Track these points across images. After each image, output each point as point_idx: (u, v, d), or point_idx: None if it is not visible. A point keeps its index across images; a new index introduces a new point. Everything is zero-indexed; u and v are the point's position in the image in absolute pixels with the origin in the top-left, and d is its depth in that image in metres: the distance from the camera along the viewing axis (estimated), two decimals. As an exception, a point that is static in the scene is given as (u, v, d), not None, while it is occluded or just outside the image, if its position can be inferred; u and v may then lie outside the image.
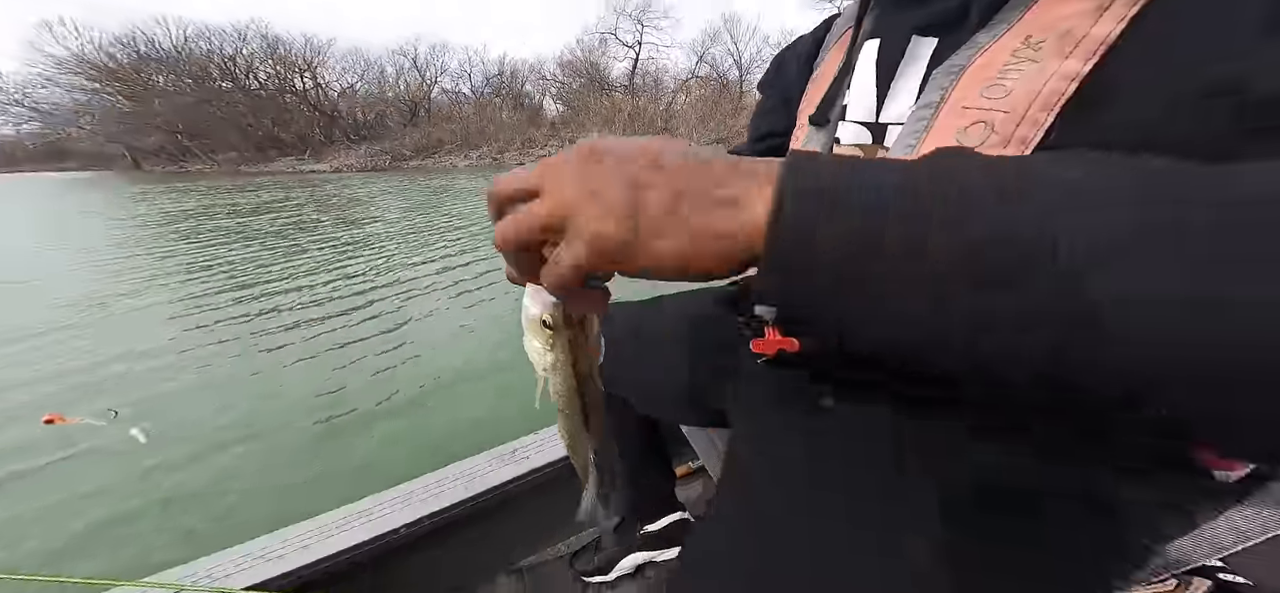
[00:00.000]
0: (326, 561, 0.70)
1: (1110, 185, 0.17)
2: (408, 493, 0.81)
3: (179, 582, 0.64)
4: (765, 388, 0.41)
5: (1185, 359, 0.15)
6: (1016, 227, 0.16)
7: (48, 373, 2.64)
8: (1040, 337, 0.17)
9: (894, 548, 0.30)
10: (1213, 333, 0.15)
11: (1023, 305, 0.16)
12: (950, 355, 0.18)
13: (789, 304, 0.21)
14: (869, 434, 0.33)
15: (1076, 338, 0.16)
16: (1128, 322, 0.15)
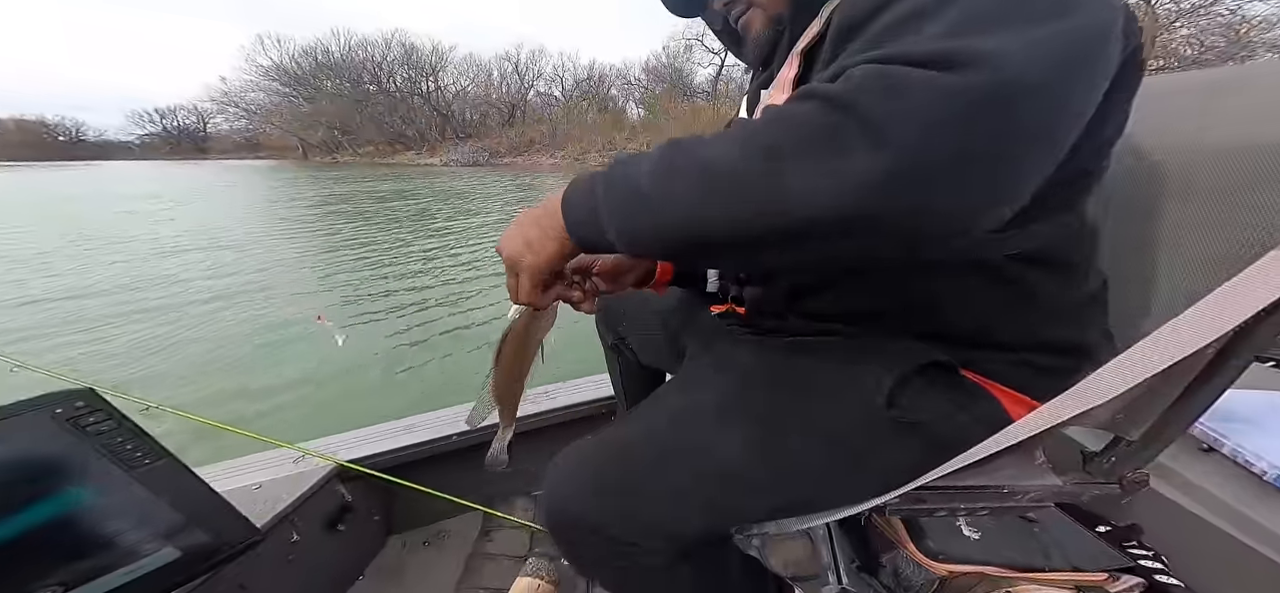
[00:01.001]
0: (401, 451, 0.98)
1: (647, 155, 0.36)
2: (461, 412, 1.08)
3: (304, 448, 0.93)
4: (708, 327, 0.65)
5: (662, 221, 0.34)
6: (630, 181, 0.36)
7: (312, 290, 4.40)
8: (621, 205, 0.36)
9: (734, 388, 0.49)
10: (667, 203, 0.33)
11: (623, 203, 0.36)
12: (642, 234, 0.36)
13: (576, 230, 0.40)
14: (749, 344, 0.55)
15: (637, 219, 0.35)
16: (636, 205, 0.35)
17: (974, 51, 0.27)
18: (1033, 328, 0.47)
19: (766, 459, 0.47)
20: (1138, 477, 0.51)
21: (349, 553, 1.03)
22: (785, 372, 0.52)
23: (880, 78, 0.28)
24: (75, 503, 0.42)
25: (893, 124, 0.27)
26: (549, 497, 0.49)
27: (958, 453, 0.42)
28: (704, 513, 0.46)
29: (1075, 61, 0.29)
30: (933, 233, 0.30)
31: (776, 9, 0.51)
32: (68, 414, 0.40)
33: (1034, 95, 0.27)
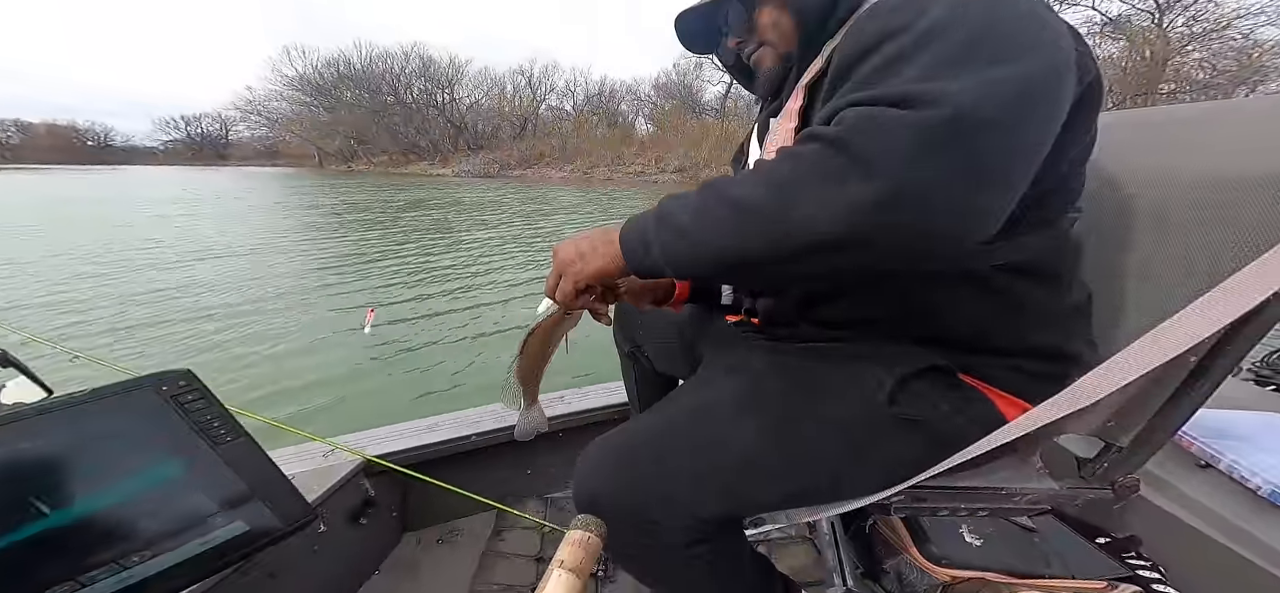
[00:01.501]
0: (423, 448, 1.02)
1: (691, 194, 0.43)
2: (481, 413, 1.13)
3: (334, 442, 0.97)
4: (724, 335, 0.68)
5: (707, 246, 0.41)
6: (675, 218, 0.43)
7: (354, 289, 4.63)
8: (671, 241, 0.43)
9: (749, 386, 0.54)
10: (706, 235, 0.40)
11: (671, 237, 0.43)
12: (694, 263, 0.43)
13: (633, 259, 0.46)
14: (763, 349, 0.60)
15: (682, 249, 0.42)
16: (682, 239, 0.42)
17: (939, 92, 0.32)
18: (1023, 335, 0.51)
19: (779, 449, 0.51)
20: (1129, 482, 0.54)
21: (369, 546, 1.07)
22: (796, 372, 0.56)
23: (867, 119, 0.34)
24: (169, 473, 0.48)
25: (877, 158, 0.33)
26: (578, 481, 0.53)
27: (956, 451, 0.46)
28: (721, 497, 0.50)
29: (1028, 100, 0.35)
30: (919, 247, 0.35)
31: (785, 46, 0.57)
32: (172, 391, 0.45)
33: (989, 129, 0.33)
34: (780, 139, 0.53)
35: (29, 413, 0.41)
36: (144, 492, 0.46)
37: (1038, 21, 0.37)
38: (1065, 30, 0.41)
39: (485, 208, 12.33)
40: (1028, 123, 0.36)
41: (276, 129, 49.87)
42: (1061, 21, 0.41)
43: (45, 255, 6.08)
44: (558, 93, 42.00)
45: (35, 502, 0.41)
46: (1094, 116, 0.45)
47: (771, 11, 0.56)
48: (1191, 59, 16.23)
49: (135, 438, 0.46)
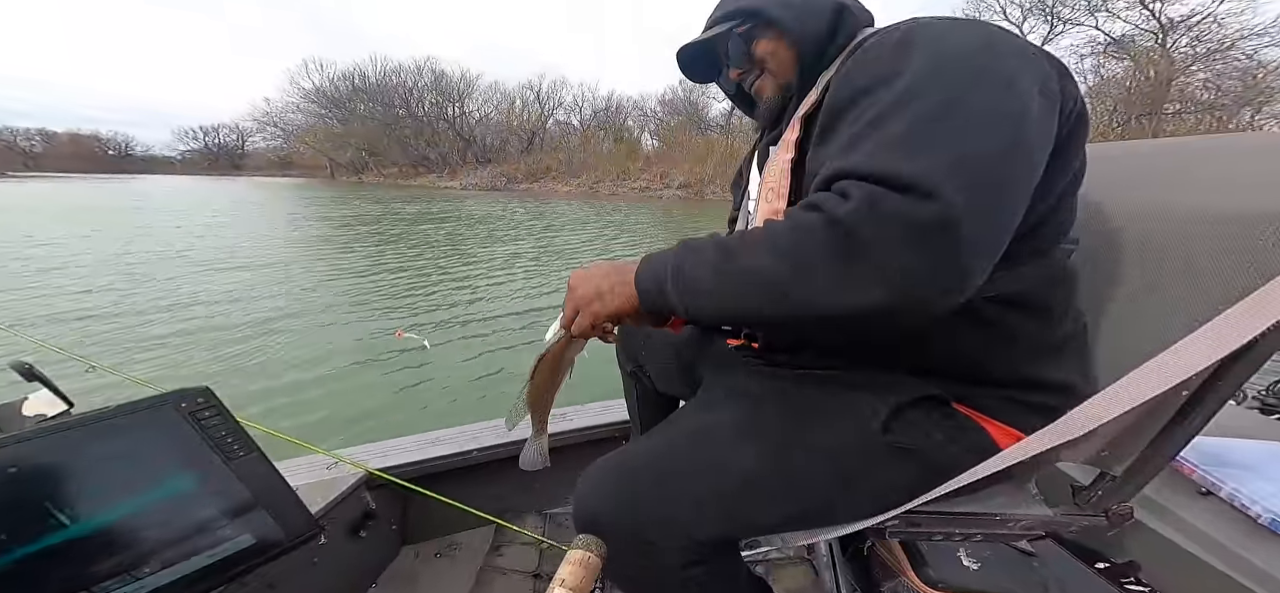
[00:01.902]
0: (425, 462, 1.03)
1: (706, 249, 0.44)
2: (482, 428, 1.14)
3: (338, 454, 0.98)
4: (724, 358, 0.70)
5: (727, 308, 0.43)
6: (693, 273, 0.45)
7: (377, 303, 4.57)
8: (690, 297, 0.45)
9: (749, 411, 0.55)
10: (728, 300, 0.43)
11: (690, 294, 0.45)
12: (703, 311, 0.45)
13: (648, 304, 0.48)
14: (763, 375, 0.61)
15: (701, 305, 0.44)
16: (701, 297, 0.44)
17: (930, 180, 0.36)
18: (1017, 366, 0.52)
19: (776, 472, 0.52)
20: (1122, 510, 0.54)
21: (367, 559, 1.08)
22: (793, 398, 0.58)
23: (867, 205, 0.37)
24: (183, 486, 0.49)
25: (878, 248, 0.37)
26: (578, 500, 0.55)
27: (951, 478, 0.47)
28: (718, 519, 0.51)
29: (1010, 178, 0.39)
30: (918, 312, 0.39)
31: (785, 77, 0.59)
32: (190, 408, 0.47)
33: (977, 216, 0.37)
34: (778, 170, 0.56)
35: (56, 428, 0.43)
36: (159, 505, 0.48)
37: (1006, 85, 0.40)
38: (1040, 74, 0.43)
39: (494, 222, 12.41)
40: (1012, 197, 0.39)
41: (291, 140, 50.84)
42: (1038, 60, 0.43)
43: (61, 265, 6.21)
44: (565, 108, 42.63)
45: (56, 513, 0.43)
46: (1081, 146, 0.46)
47: (769, 43, 0.58)
48: (1196, 79, 16.27)
49: (154, 453, 0.48)
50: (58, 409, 0.50)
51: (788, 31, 0.56)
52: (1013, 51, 0.41)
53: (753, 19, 0.58)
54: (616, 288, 0.51)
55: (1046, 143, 0.42)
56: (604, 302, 0.51)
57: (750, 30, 0.58)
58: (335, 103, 44.25)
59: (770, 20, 0.56)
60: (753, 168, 0.70)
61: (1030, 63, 0.42)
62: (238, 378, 3.12)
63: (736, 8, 0.59)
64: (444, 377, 3.23)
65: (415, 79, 42.53)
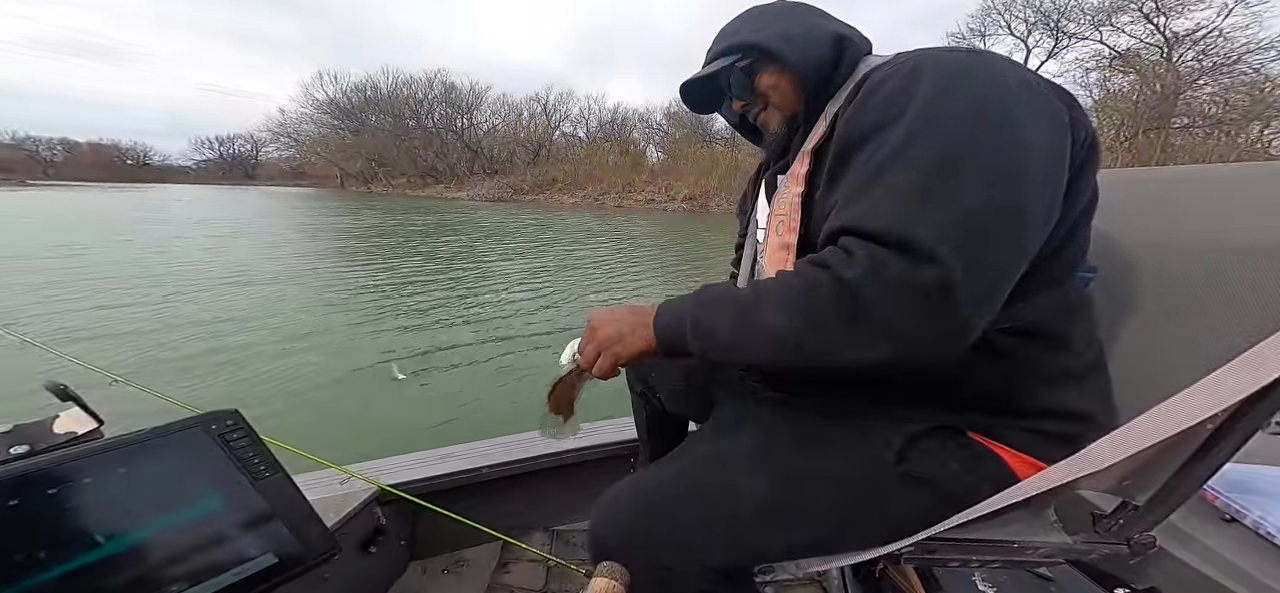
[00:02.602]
0: (435, 479, 1.04)
1: (722, 301, 0.47)
2: (492, 445, 1.15)
3: (350, 469, 0.99)
4: (735, 383, 0.70)
5: (742, 356, 0.47)
6: (711, 323, 0.47)
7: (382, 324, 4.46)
8: (709, 348, 0.47)
9: (760, 438, 0.57)
10: (744, 349, 0.45)
11: (708, 342, 0.47)
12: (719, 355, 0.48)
13: (667, 347, 0.50)
14: (772, 402, 0.62)
15: (718, 352, 0.47)
16: (719, 347, 0.46)
17: (932, 246, 0.38)
18: (1035, 395, 0.52)
19: (789, 500, 0.53)
20: (1145, 538, 0.53)
21: (376, 575, 1.08)
22: (805, 426, 0.58)
23: (872, 270, 0.39)
24: (212, 506, 0.50)
25: (882, 310, 0.39)
26: (594, 526, 0.55)
27: (967, 507, 0.47)
28: (731, 546, 0.52)
29: (1018, 233, 0.40)
30: (927, 363, 0.41)
31: (790, 108, 0.60)
32: (220, 429, 0.49)
33: (974, 277, 0.39)
34: (788, 203, 0.57)
35: (95, 448, 0.45)
36: (190, 524, 0.49)
37: (1011, 134, 0.40)
38: (1050, 112, 0.42)
39: (508, 235, 12.42)
40: (1014, 251, 0.41)
41: (303, 150, 51.70)
42: (1048, 98, 0.44)
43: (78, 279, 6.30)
44: (572, 120, 43.19)
45: (93, 532, 0.43)
46: (1092, 176, 0.47)
47: (771, 76, 0.59)
48: (1203, 93, 16.22)
49: (186, 473, 0.49)
50: (88, 426, 0.51)
51: (789, 65, 0.56)
52: (1021, 93, 0.42)
53: (753, 53, 0.58)
54: (637, 330, 0.53)
55: (1057, 185, 0.43)
56: (625, 343, 0.53)
57: (752, 64, 0.59)
58: (347, 114, 45.06)
59: (771, 54, 0.57)
60: (761, 197, 0.71)
61: (1039, 102, 0.43)
62: (250, 389, 3.15)
63: (737, 42, 0.59)
64: (456, 392, 3.25)
65: (426, 91, 43.35)
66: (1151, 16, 17.49)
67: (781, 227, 0.57)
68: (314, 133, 48.56)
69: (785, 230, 0.56)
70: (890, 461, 0.51)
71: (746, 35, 0.58)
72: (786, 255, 0.57)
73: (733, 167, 27.83)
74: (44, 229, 10.94)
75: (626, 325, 0.53)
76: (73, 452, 0.44)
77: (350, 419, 2.83)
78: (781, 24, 0.57)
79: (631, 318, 0.54)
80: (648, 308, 0.53)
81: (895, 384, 0.54)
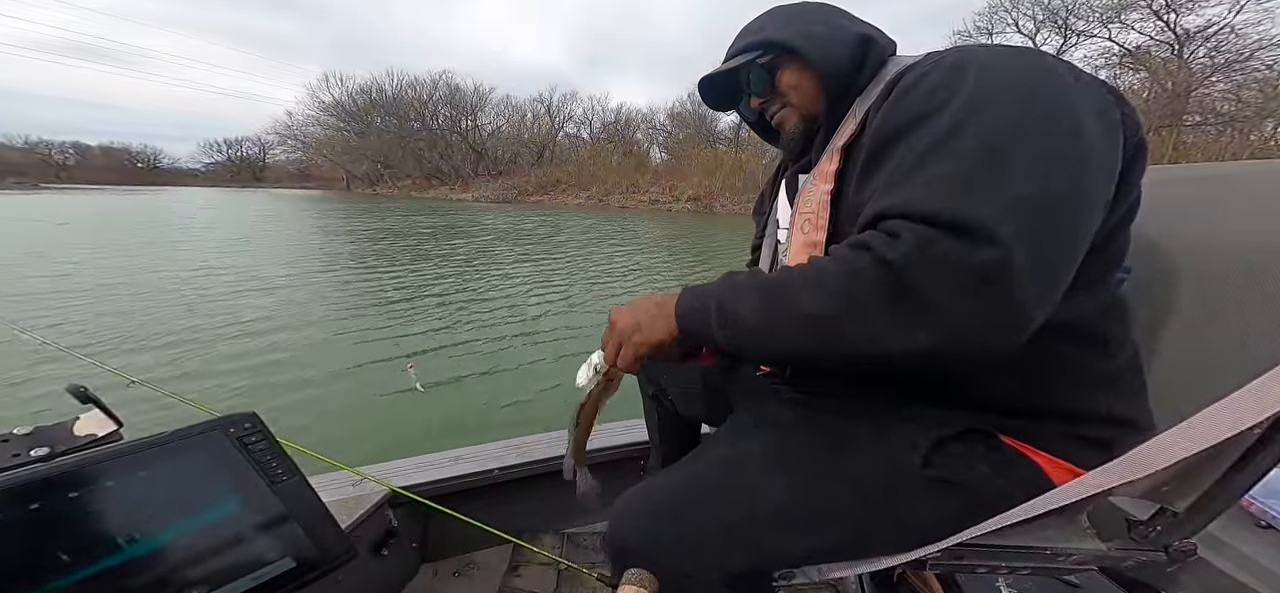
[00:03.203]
0: (447, 481, 1.04)
1: (749, 286, 0.45)
2: (504, 447, 1.15)
3: (362, 472, 0.99)
4: (753, 386, 0.70)
5: (770, 345, 0.44)
6: (736, 308, 0.44)
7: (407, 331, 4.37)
8: (734, 335, 0.45)
9: (779, 441, 0.56)
10: (773, 337, 0.42)
11: (734, 330, 0.44)
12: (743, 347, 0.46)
13: (688, 336, 0.49)
14: (793, 403, 0.61)
15: (744, 339, 0.44)
16: (745, 334, 0.44)
17: (989, 225, 0.35)
18: (1070, 398, 0.51)
19: (809, 504, 0.51)
20: (1185, 546, 0.52)
21: (389, 577, 1.08)
22: (826, 428, 0.57)
23: (922, 249, 0.36)
24: (231, 510, 0.50)
25: (936, 295, 0.36)
26: (611, 531, 0.54)
27: (997, 513, 0.45)
28: (750, 551, 0.51)
29: (1069, 222, 0.38)
30: (975, 356, 0.38)
31: (809, 108, 0.59)
32: (238, 433, 0.48)
33: (1035, 263, 0.36)
34: (816, 201, 0.55)
35: (116, 451, 0.44)
36: (208, 528, 0.48)
37: (1065, 120, 0.39)
38: (1100, 104, 0.41)
39: (519, 238, 12.32)
40: (1073, 241, 0.39)
41: (309, 153, 52.12)
42: (1097, 90, 0.42)
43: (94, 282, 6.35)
44: (575, 121, 43.27)
45: (114, 536, 0.43)
46: (1139, 178, 0.45)
47: (792, 74, 0.58)
48: (1215, 90, 15.99)
49: (205, 476, 0.49)
50: (108, 428, 0.51)
51: (811, 63, 0.55)
52: (1071, 83, 0.40)
53: (775, 50, 0.58)
54: (656, 319, 0.51)
55: (1110, 179, 0.41)
56: (644, 332, 0.51)
57: (773, 61, 0.58)
58: (353, 116, 45.37)
59: (793, 51, 0.56)
60: (781, 198, 0.70)
61: (1089, 93, 0.41)
62: (266, 391, 3.17)
63: (759, 39, 0.58)
64: (469, 396, 3.25)
65: (430, 92, 43.57)
66: (1161, 13, 17.28)
67: (808, 225, 0.56)
68: (320, 135, 49.02)
69: (812, 228, 0.55)
70: (917, 464, 0.49)
71: (770, 32, 0.58)
72: (814, 253, 0.55)
73: (737, 167, 27.80)
74: (74, 234, 10.99)
75: (645, 314, 0.52)
76: (93, 455, 0.44)
77: (362, 421, 2.84)
78: (806, 23, 0.57)
79: (651, 307, 0.52)
80: (668, 296, 0.52)
81: (922, 384, 0.52)
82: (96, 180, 69.93)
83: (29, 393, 3.00)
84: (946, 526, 0.48)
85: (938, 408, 0.53)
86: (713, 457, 0.57)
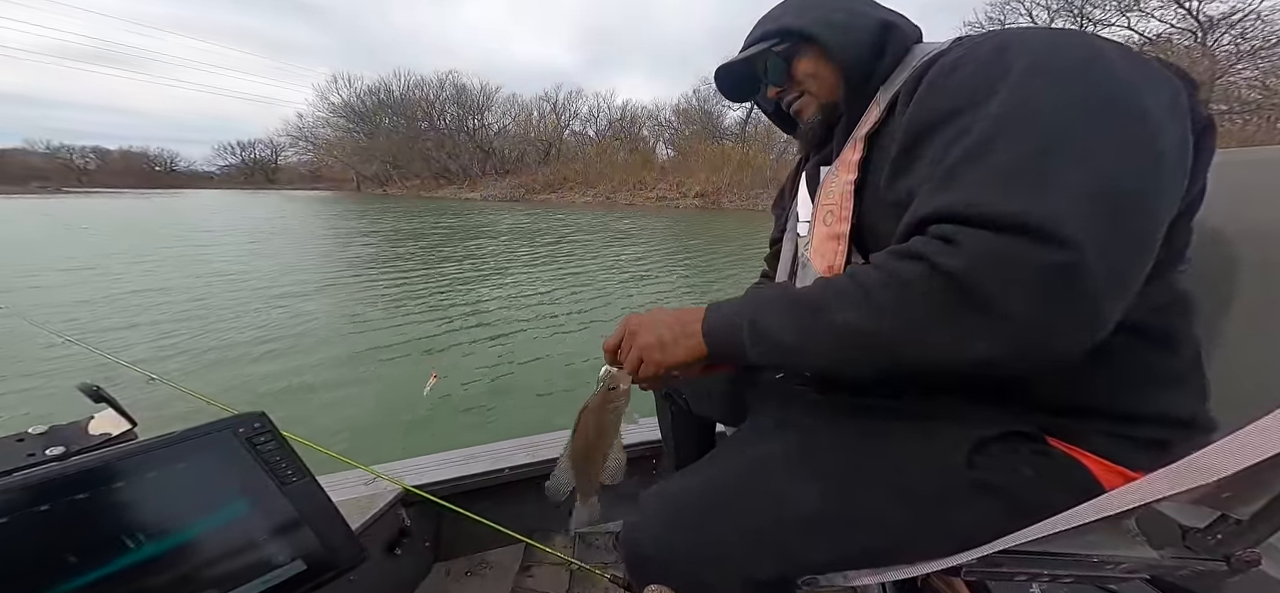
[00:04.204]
0: (459, 480, 1.04)
1: (783, 302, 0.43)
2: (515, 446, 1.15)
3: (376, 471, 1.00)
4: (772, 386, 0.68)
5: (811, 363, 0.44)
6: (770, 327, 0.43)
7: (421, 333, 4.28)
8: (769, 354, 0.43)
9: (801, 443, 0.53)
10: (814, 355, 0.41)
11: (770, 348, 0.43)
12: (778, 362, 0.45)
13: (719, 355, 0.47)
14: (815, 403, 0.59)
15: (781, 358, 0.43)
16: (783, 352, 0.43)
17: (1054, 223, 0.32)
18: (1125, 397, 0.48)
19: (839, 509, 0.49)
20: (1248, 555, 0.48)
21: (402, 577, 1.07)
22: (851, 430, 0.54)
23: (984, 255, 0.34)
24: (240, 511, 0.49)
25: (1000, 305, 0.34)
26: (629, 535, 0.52)
27: (1041, 519, 0.42)
28: (777, 558, 0.48)
29: (1143, 216, 0.35)
30: (1040, 365, 0.36)
31: (827, 97, 0.57)
32: (248, 433, 0.47)
33: (1109, 263, 0.33)
34: (839, 192, 0.53)
35: (125, 451, 0.43)
36: (218, 529, 0.48)
37: (1133, 106, 0.36)
38: (1168, 89, 0.38)
39: (533, 237, 11.99)
40: (1149, 236, 0.36)
41: (320, 154, 52.83)
42: (1162, 73, 0.39)
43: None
44: (581, 119, 43.29)
45: (123, 537, 0.42)
46: (1206, 166, 0.42)
47: (809, 62, 0.57)
48: (1241, 78, 15.50)
49: (214, 478, 0.48)
50: (122, 427, 0.50)
51: (829, 50, 0.54)
52: (1133, 65, 0.37)
53: (792, 38, 0.56)
54: (680, 339, 0.49)
55: (1182, 167, 0.37)
56: (668, 351, 0.49)
57: (790, 49, 0.57)
58: (362, 117, 45.91)
59: (810, 39, 0.55)
60: (802, 191, 0.68)
61: (1154, 77, 0.38)
62: (279, 389, 3.21)
63: (776, 27, 0.57)
64: (483, 394, 3.26)
65: (437, 92, 43.91)
66: (1183, 0, 16.80)
67: (830, 216, 0.54)
68: (330, 136, 49.62)
69: (835, 220, 0.53)
70: (958, 465, 0.47)
71: (786, 20, 0.57)
72: (837, 245, 0.53)
73: (744, 162, 27.63)
74: (106, 238, 11.19)
75: (669, 333, 0.49)
76: (105, 455, 0.43)
77: (374, 418, 2.86)
78: (824, 9, 0.55)
79: (675, 325, 0.50)
80: (692, 312, 0.50)
81: (963, 385, 0.49)
82: (116, 184, 71.57)
83: (53, 387, 3.06)
84: (985, 531, 0.45)
85: (978, 406, 0.50)
86: (733, 460, 0.56)
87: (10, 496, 0.39)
